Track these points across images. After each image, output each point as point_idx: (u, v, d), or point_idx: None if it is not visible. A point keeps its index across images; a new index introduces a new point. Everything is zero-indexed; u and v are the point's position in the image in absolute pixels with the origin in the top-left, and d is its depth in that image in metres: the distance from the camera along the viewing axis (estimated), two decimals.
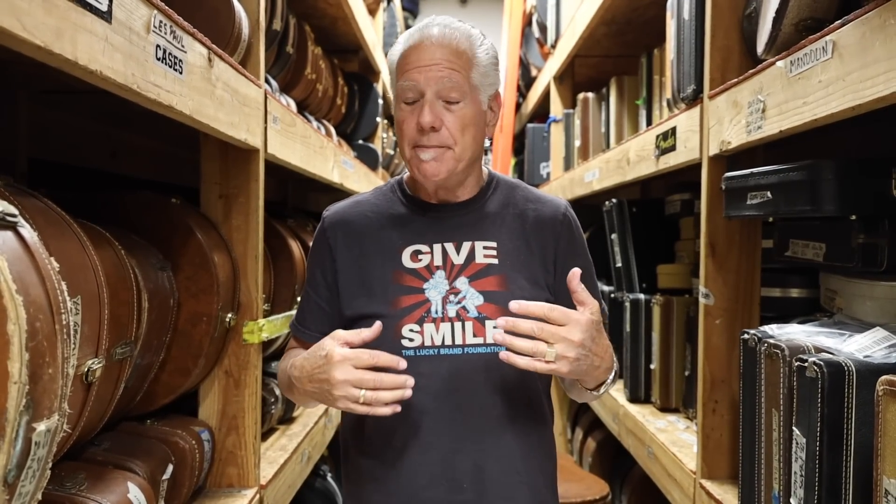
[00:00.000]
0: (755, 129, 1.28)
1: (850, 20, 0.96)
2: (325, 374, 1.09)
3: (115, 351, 1.02)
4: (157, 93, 0.94)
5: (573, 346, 1.04)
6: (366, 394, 1.06)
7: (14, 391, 0.59)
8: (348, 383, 1.07)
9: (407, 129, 1.20)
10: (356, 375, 1.07)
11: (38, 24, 0.67)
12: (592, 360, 1.08)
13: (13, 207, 0.66)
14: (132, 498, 1.04)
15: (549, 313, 1.04)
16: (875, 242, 1.14)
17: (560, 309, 1.05)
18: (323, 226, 1.32)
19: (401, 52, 1.22)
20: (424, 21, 1.25)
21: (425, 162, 1.19)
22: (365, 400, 1.07)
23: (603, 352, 1.11)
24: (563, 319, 1.05)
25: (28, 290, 0.62)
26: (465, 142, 1.19)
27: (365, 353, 1.08)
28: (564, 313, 1.05)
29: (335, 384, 1.08)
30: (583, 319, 1.06)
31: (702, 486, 1.54)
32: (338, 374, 1.07)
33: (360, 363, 1.07)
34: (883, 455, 0.86)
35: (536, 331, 1.04)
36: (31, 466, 0.63)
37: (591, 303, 1.09)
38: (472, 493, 1.20)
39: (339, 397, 1.08)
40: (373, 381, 1.06)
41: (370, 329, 1.11)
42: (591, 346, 1.07)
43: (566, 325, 1.05)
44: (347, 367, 1.07)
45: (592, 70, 3.60)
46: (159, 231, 1.31)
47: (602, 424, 2.75)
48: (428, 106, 1.17)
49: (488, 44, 1.25)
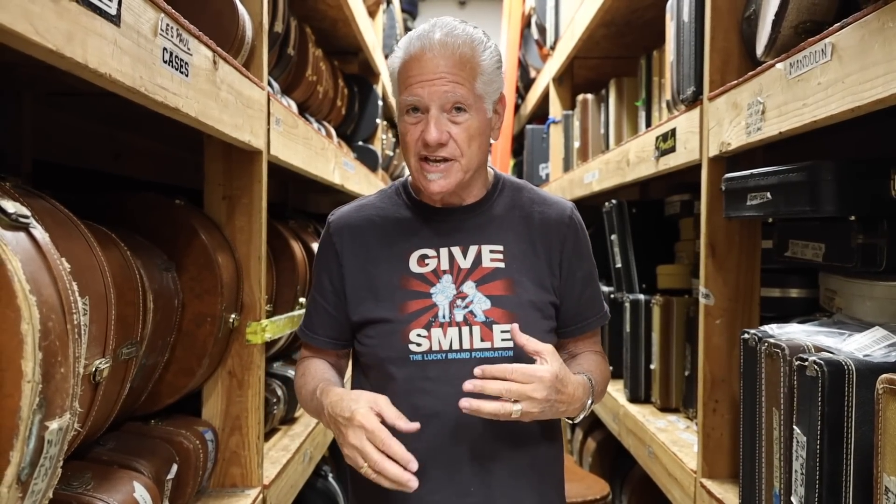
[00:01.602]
0: (755, 131, 1.29)
1: (850, 23, 0.97)
2: (343, 429, 1.10)
3: (121, 351, 1.03)
4: (164, 95, 0.94)
5: (536, 403, 1.09)
6: (366, 470, 1.08)
7: (28, 390, 0.60)
8: (355, 449, 1.08)
9: (412, 142, 1.19)
10: (365, 448, 1.07)
11: (49, 27, 0.68)
12: (559, 408, 1.13)
13: (25, 209, 0.67)
14: (138, 497, 1.05)
15: (510, 375, 1.08)
16: (874, 243, 1.15)
17: (521, 370, 1.09)
18: (329, 231, 1.32)
19: (402, 61, 1.19)
20: (425, 25, 1.21)
21: (433, 182, 1.18)
22: (366, 473, 1.08)
23: (570, 397, 1.14)
24: (526, 379, 1.08)
25: (41, 291, 0.63)
26: (471, 152, 1.19)
27: (382, 436, 1.07)
28: (526, 373, 1.08)
29: (345, 443, 1.10)
30: (546, 377, 1.09)
31: (702, 485, 1.55)
32: (351, 437, 1.09)
33: (374, 440, 1.07)
34: (883, 453, 0.87)
35: (503, 391, 1.08)
36: (43, 465, 0.64)
37: (545, 351, 1.12)
38: (479, 496, 1.20)
39: (345, 454, 1.12)
40: (375, 463, 1.06)
41: (408, 423, 1.09)
42: (556, 396, 1.11)
43: (530, 385, 1.08)
44: (361, 435, 1.08)
45: (591, 71, 3.61)
46: (163, 232, 1.32)
47: (602, 424, 2.76)
48: (433, 122, 1.15)
49: (492, 46, 1.22)
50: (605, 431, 2.87)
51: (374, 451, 1.06)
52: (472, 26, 1.23)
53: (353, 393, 1.15)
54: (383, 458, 1.06)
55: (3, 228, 0.63)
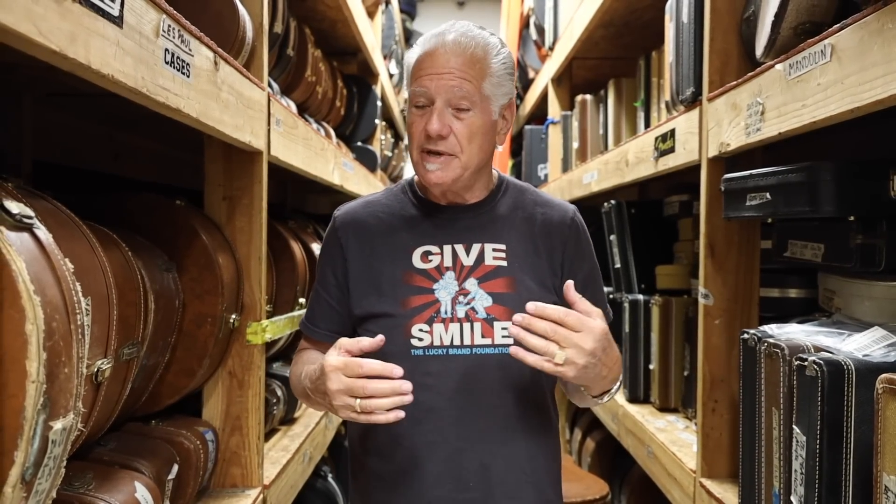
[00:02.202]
0: (754, 131, 1.29)
1: (849, 24, 0.98)
2: (324, 386, 1.08)
3: (122, 351, 1.03)
4: (166, 96, 0.95)
5: (583, 353, 1.05)
6: (361, 402, 1.05)
7: (32, 390, 0.60)
8: (342, 393, 1.06)
9: (416, 133, 1.21)
10: (348, 384, 1.05)
11: (53, 28, 0.68)
12: (600, 370, 1.08)
13: (29, 209, 0.67)
14: (139, 497, 1.05)
15: (564, 318, 1.05)
16: (873, 243, 1.16)
17: (576, 315, 1.05)
18: (334, 225, 1.33)
19: (417, 56, 1.24)
20: (444, 26, 1.25)
21: (430, 171, 1.21)
22: (361, 408, 1.05)
23: (612, 362, 1.11)
24: (578, 325, 1.05)
25: (45, 291, 0.63)
26: (471, 150, 1.21)
27: (355, 362, 1.06)
28: (580, 319, 1.05)
29: (331, 394, 1.07)
30: (597, 328, 1.06)
31: (702, 484, 1.56)
32: (332, 384, 1.07)
33: (349, 372, 1.06)
34: (883, 452, 0.87)
35: (550, 332, 1.04)
36: (47, 464, 0.64)
37: (595, 311, 1.09)
38: (478, 491, 1.21)
39: (338, 407, 1.08)
40: (362, 388, 1.05)
41: (371, 340, 1.09)
42: (602, 355, 1.07)
43: (580, 332, 1.05)
44: (339, 376, 1.06)
45: (590, 72, 3.61)
46: (164, 233, 1.32)
47: (601, 424, 2.76)
48: (437, 114, 1.18)
49: (505, 52, 1.25)
50: (605, 431, 2.87)
51: (357, 379, 1.05)
52: (490, 32, 1.26)
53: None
54: (371, 381, 1.04)
55: (7, 229, 0.63)
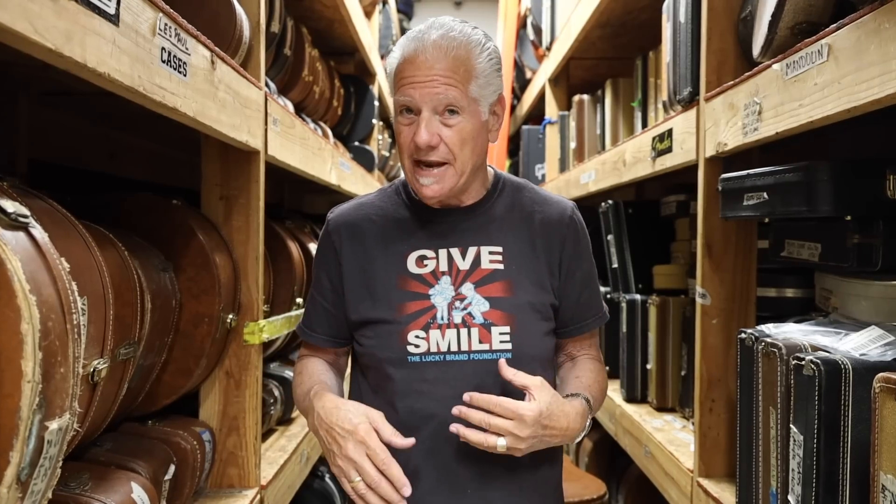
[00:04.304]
0: (751, 131, 1.29)
1: (846, 24, 0.98)
2: (342, 441, 1.10)
3: (119, 351, 1.03)
4: (163, 95, 0.94)
5: (520, 440, 1.10)
6: (359, 484, 1.08)
7: (28, 390, 0.60)
8: (353, 464, 1.09)
9: (405, 144, 1.18)
10: (363, 465, 1.08)
11: (48, 27, 0.68)
12: (549, 441, 1.14)
13: (25, 208, 0.67)
14: (136, 498, 1.04)
15: (495, 408, 1.09)
16: (870, 242, 1.16)
17: (505, 405, 1.09)
18: (328, 229, 1.31)
19: (398, 61, 1.19)
20: (423, 25, 1.20)
21: (426, 186, 1.18)
22: (354, 488, 1.09)
23: (562, 431, 1.14)
24: (511, 415, 1.09)
25: (41, 290, 0.63)
26: (464, 156, 1.17)
27: (382, 456, 1.08)
28: (511, 409, 1.09)
29: (343, 456, 1.10)
30: (528, 415, 1.09)
31: (699, 484, 1.56)
32: (351, 451, 1.09)
33: (372, 457, 1.08)
34: (879, 451, 0.88)
35: (485, 424, 1.10)
36: (42, 465, 0.64)
37: (533, 385, 1.12)
38: (476, 498, 1.20)
39: (339, 466, 1.11)
40: (372, 480, 1.08)
41: (403, 440, 1.11)
42: (542, 433, 1.11)
43: (513, 421, 1.09)
44: (362, 451, 1.09)
45: (587, 72, 3.62)
46: (161, 232, 1.32)
47: (598, 424, 2.76)
48: (424, 124, 1.14)
49: (490, 47, 1.20)
50: (602, 431, 2.87)
51: (373, 469, 1.08)
52: (472, 27, 1.21)
53: (351, 404, 1.15)
54: (381, 477, 1.08)
55: (2, 228, 0.63)
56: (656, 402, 2.20)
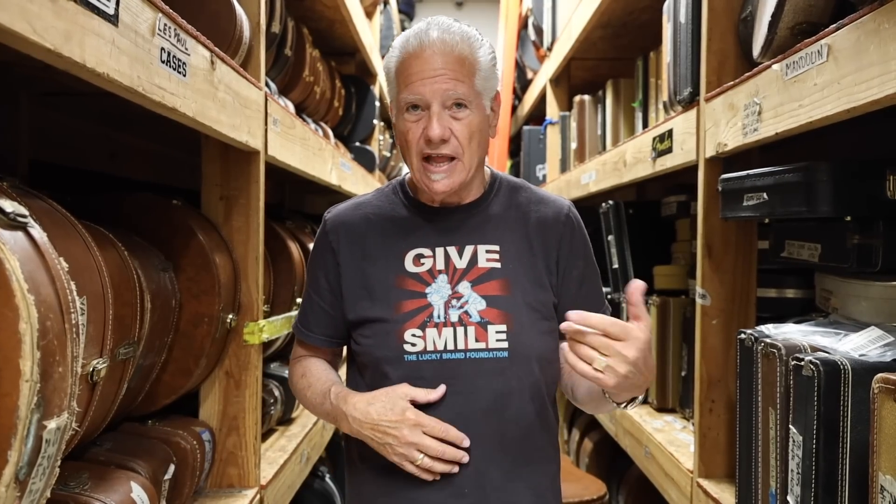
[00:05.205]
0: (751, 132, 1.29)
1: (845, 24, 0.98)
2: (396, 431, 1.15)
3: (118, 351, 1.03)
4: (162, 95, 0.94)
5: (625, 363, 1.02)
6: (424, 459, 1.15)
7: (26, 389, 0.60)
8: (415, 446, 1.14)
9: (413, 140, 1.18)
10: (425, 441, 1.15)
11: (47, 27, 0.68)
12: (639, 379, 1.06)
13: (23, 208, 0.67)
14: (136, 497, 1.05)
15: (608, 328, 1.03)
16: (870, 243, 1.16)
17: (620, 324, 1.04)
18: (325, 228, 1.31)
19: (400, 59, 1.19)
20: (420, 24, 1.21)
21: (436, 182, 1.19)
22: (422, 464, 1.15)
23: (650, 372, 1.09)
24: (622, 335, 1.03)
25: (39, 290, 0.63)
26: (471, 150, 1.19)
27: (439, 427, 1.15)
28: (624, 329, 1.03)
29: (403, 443, 1.15)
30: (641, 337, 1.04)
31: (699, 484, 1.56)
32: (410, 435, 1.14)
33: (431, 432, 1.15)
34: (878, 452, 0.88)
35: (597, 344, 1.03)
36: (41, 464, 0.64)
37: (645, 319, 1.07)
38: (474, 497, 1.20)
39: (400, 454, 1.15)
40: (436, 450, 1.15)
41: (435, 391, 1.18)
42: (642, 365, 1.05)
43: (624, 341, 1.03)
44: (419, 431, 1.15)
45: (588, 73, 3.62)
46: (161, 232, 1.32)
47: (599, 425, 2.76)
48: (436, 118, 1.15)
49: (487, 44, 1.23)
50: (602, 432, 2.87)
51: (434, 441, 1.15)
52: (466, 24, 1.23)
53: (375, 395, 1.18)
54: (443, 445, 1.15)
55: (1, 228, 0.63)
56: (656, 402, 2.20)
